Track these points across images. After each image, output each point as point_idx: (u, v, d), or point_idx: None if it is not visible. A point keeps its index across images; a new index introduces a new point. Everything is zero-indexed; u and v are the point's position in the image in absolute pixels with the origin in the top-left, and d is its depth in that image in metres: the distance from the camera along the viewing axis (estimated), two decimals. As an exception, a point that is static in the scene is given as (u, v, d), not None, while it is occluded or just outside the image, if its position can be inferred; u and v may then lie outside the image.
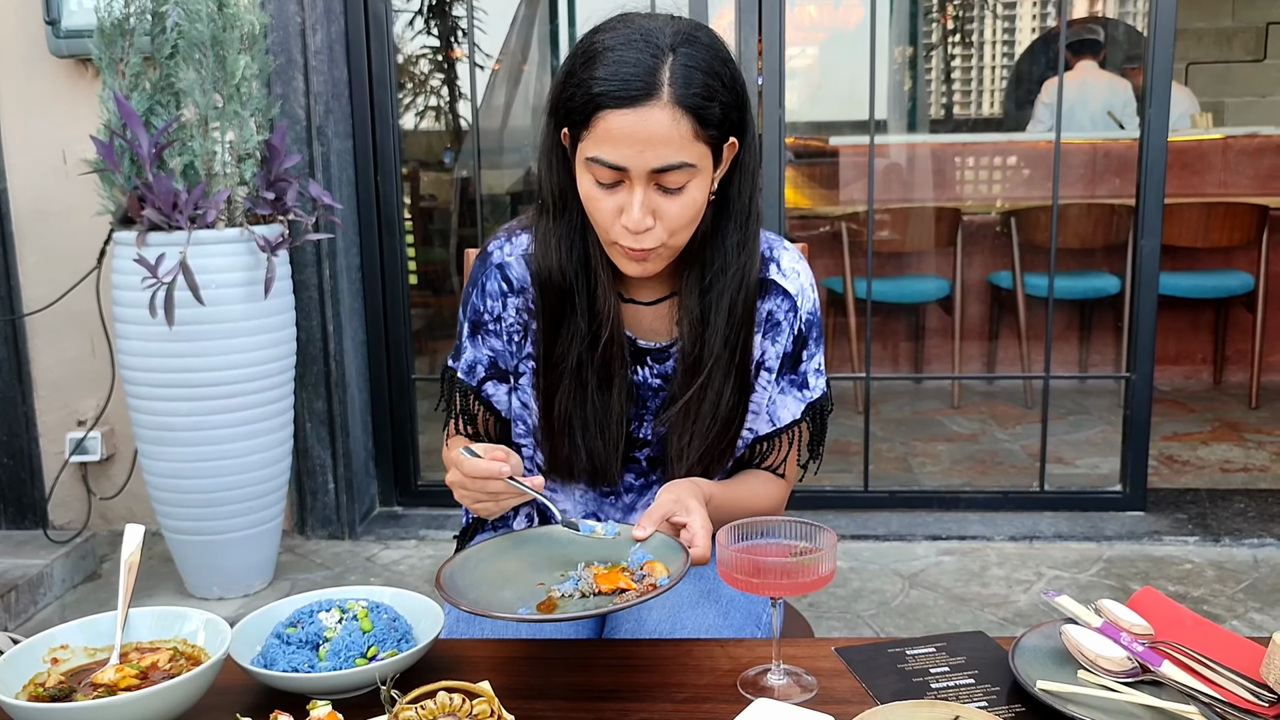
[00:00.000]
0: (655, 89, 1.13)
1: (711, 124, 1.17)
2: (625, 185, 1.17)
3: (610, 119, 1.14)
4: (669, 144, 1.14)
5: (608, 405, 1.30)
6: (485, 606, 1.02)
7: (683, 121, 1.14)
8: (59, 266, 3.04)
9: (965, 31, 7.55)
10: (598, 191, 1.19)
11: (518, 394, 1.36)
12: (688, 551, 1.10)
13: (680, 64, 1.14)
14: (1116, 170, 4.70)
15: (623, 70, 1.14)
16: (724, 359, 1.29)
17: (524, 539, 1.19)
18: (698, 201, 1.20)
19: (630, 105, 1.13)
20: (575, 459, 1.33)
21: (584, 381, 1.30)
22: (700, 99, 1.15)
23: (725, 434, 1.32)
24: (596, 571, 1.09)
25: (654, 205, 1.18)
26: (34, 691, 1.00)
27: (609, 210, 1.19)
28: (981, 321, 4.78)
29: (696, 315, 1.28)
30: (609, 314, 1.28)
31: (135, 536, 1.14)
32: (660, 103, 1.13)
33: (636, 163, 1.15)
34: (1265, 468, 3.72)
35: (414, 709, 0.85)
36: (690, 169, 1.16)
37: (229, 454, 2.67)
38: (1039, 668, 1.04)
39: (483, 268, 1.36)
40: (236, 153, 2.66)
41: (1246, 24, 6.98)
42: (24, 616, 2.72)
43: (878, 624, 2.65)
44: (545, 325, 1.31)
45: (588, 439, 1.31)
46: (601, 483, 1.35)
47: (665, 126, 1.13)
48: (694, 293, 1.28)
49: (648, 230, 1.18)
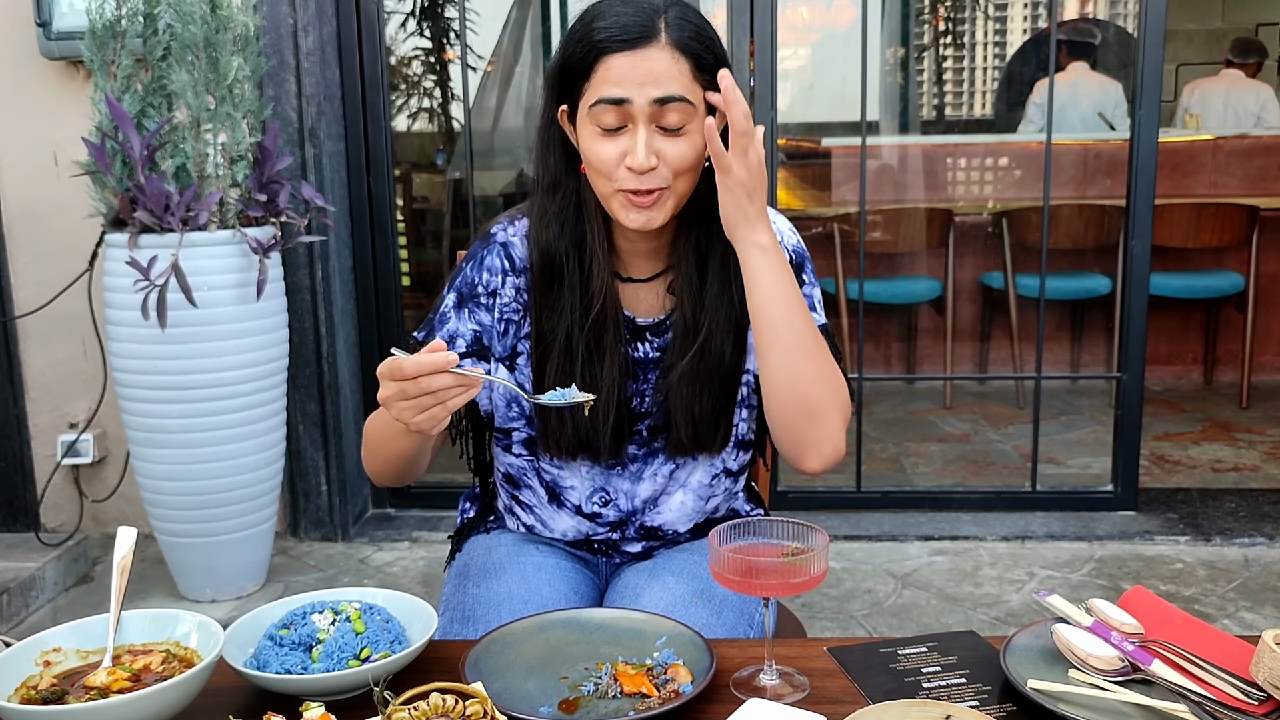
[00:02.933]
0: (654, 33, 1.19)
1: (706, 69, 1.21)
2: (629, 130, 1.21)
3: (611, 61, 1.19)
4: (670, 79, 1.19)
5: (597, 378, 1.31)
6: (509, 697, 1.01)
7: (681, 61, 1.20)
8: (50, 268, 3.04)
9: (957, 33, 7.57)
10: (601, 140, 1.22)
11: (515, 375, 1.36)
12: (714, 655, 1.06)
13: (675, 15, 1.21)
14: (1107, 171, 4.71)
15: (622, 19, 1.20)
16: (721, 319, 1.31)
17: (550, 623, 1.16)
18: (697, 146, 1.22)
19: (631, 47, 1.19)
20: (562, 432, 1.33)
21: (573, 353, 1.31)
22: (695, 44, 1.21)
23: (729, 389, 1.35)
24: (619, 670, 1.07)
25: (656, 146, 1.20)
26: (26, 694, 1.00)
27: (612, 156, 1.22)
28: (973, 322, 4.79)
29: (695, 283, 1.31)
30: (601, 289, 1.30)
31: (127, 539, 1.14)
32: (659, 43, 1.19)
33: (639, 95, 1.19)
34: (1256, 467, 3.73)
35: (407, 710, 0.85)
36: (689, 107, 1.20)
37: (221, 456, 2.67)
38: (1030, 667, 1.05)
39: (485, 244, 1.36)
40: (229, 154, 2.66)
41: (1236, 25, 7.01)
42: (16, 620, 2.71)
43: (870, 624, 2.65)
44: (537, 299, 1.32)
45: (575, 411, 1.31)
46: (591, 457, 1.36)
47: (665, 63, 1.19)
48: (691, 261, 1.31)
49: (652, 170, 1.21)
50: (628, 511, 1.42)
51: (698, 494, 1.42)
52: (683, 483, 1.41)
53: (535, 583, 1.36)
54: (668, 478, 1.40)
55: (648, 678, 1.05)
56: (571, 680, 1.07)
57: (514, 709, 0.98)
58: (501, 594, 1.34)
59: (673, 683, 1.04)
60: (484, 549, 1.44)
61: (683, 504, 1.42)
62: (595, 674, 1.07)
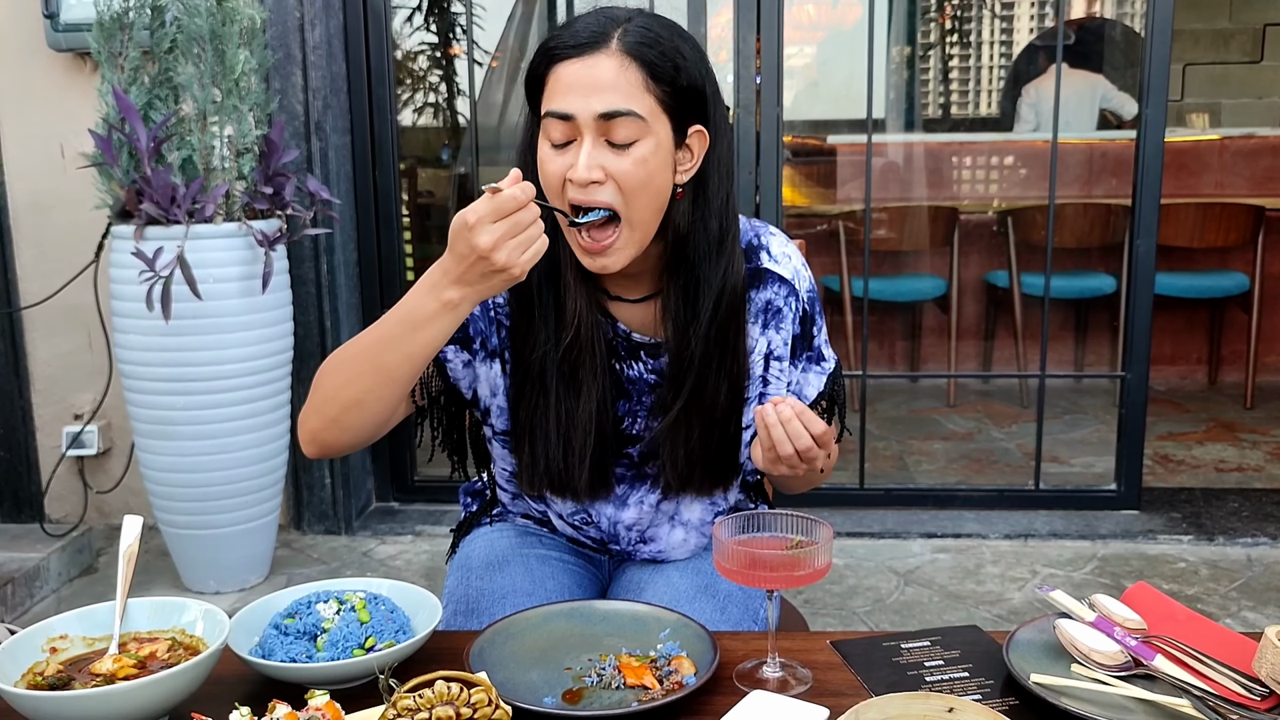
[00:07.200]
0: (605, 39, 1.16)
1: (663, 80, 1.16)
2: (576, 144, 1.17)
3: (560, 70, 1.16)
4: (616, 90, 1.14)
5: (574, 413, 1.26)
6: (513, 687, 1.02)
7: (630, 69, 1.15)
8: (56, 260, 3.04)
9: (963, 31, 7.55)
10: (550, 154, 1.18)
11: (506, 378, 1.32)
12: (717, 647, 1.07)
13: (635, 25, 1.17)
14: (1113, 170, 4.71)
15: (576, 28, 1.17)
16: (714, 359, 1.26)
17: (554, 614, 1.17)
18: (649, 165, 1.16)
19: (579, 55, 1.15)
20: (535, 467, 1.29)
21: (547, 387, 1.26)
22: (650, 50, 1.16)
23: (724, 438, 1.30)
24: (623, 662, 1.07)
25: (602, 161, 1.15)
26: (33, 680, 1.00)
27: (558, 171, 1.17)
28: (977, 320, 4.79)
29: (681, 316, 1.25)
30: (574, 320, 1.24)
31: (134, 527, 1.14)
32: (608, 50, 1.15)
33: (583, 108, 1.14)
34: (1260, 467, 3.73)
35: (412, 697, 0.86)
36: (639, 121, 1.15)
37: (226, 448, 2.67)
38: (1033, 661, 1.05)
39: None
40: (235, 147, 2.66)
41: (1243, 25, 6.99)
42: (20, 610, 2.72)
43: (873, 621, 2.66)
44: (513, 328, 1.28)
45: (549, 446, 1.27)
46: (567, 493, 1.31)
47: (612, 72, 1.14)
48: (676, 294, 1.25)
49: (595, 184, 1.15)
50: (610, 534, 1.38)
51: (699, 530, 1.39)
52: (674, 517, 1.37)
53: (539, 575, 1.36)
54: (654, 507, 1.35)
55: (651, 669, 1.05)
56: (575, 671, 1.07)
57: (518, 699, 0.98)
58: (505, 587, 1.33)
59: (676, 674, 1.04)
60: (487, 542, 1.43)
61: (684, 540, 1.39)
62: (599, 665, 1.07)
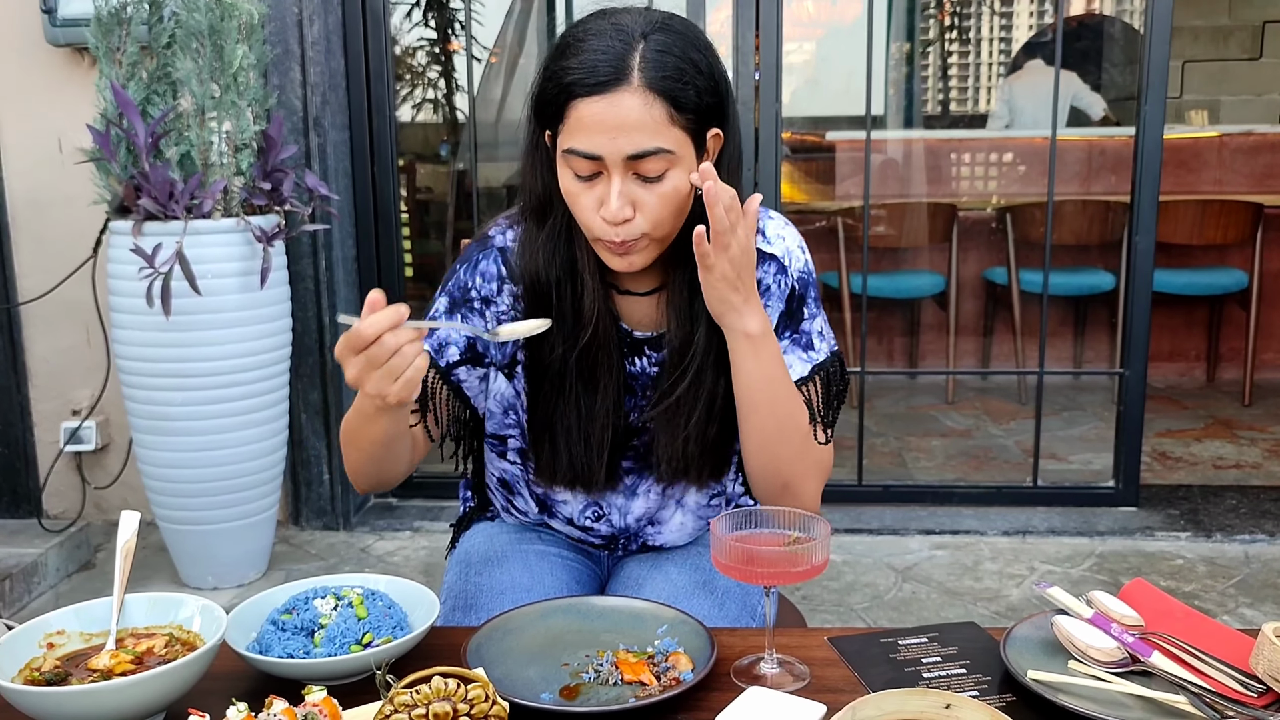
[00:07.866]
0: (625, 74, 1.11)
1: (687, 108, 1.14)
2: (603, 176, 1.15)
3: (581, 107, 1.12)
4: (642, 129, 1.12)
5: (592, 409, 1.28)
6: (510, 683, 1.01)
7: (655, 105, 1.12)
8: (54, 256, 3.04)
9: (962, 28, 7.56)
10: (577, 186, 1.17)
11: (514, 383, 1.34)
12: (714, 643, 1.06)
13: (652, 49, 1.13)
14: (1112, 167, 4.71)
15: (592, 58, 1.12)
16: (714, 351, 1.26)
17: (551, 610, 1.17)
18: (680, 191, 1.16)
19: (600, 92, 1.11)
20: (557, 463, 1.31)
21: (567, 385, 1.27)
22: (673, 82, 1.13)
23: (723, 428, 1.30)
24: (620, 658, 1.07)
25: (633, 195, 1.15)
26: (30, 676, 1.00)
27: (589, 205, 1.17)
28: (976, 317, 4.79)
29: (685, 309, 1.26)
30: (593, 317, 1.25)
31: (131, 523, 1.14)
32: (631, 87, 1.11)
33: (610, 150, 1.12)
34: (1258, 465, 3.73)
35: (409, 693, 0.86)
36: (668, 155, 1.14)
37: (224, 444, 2.67)
38: (1030, 658, 1.05)
39: (482, 248, 1.32)
40: (233, 143, 2.66)
41: (1243, 22, 6.99)
42: (18, 605, 2.72)
43: (870, 617, 2.66)
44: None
45: (570, 443, 1.28)
46: (586, 487, 1.33)
47: (637, 111, 1.11)
48: (682, 287, 1.26)
49: (627, 222, 1.15)
50: (620, 527, 1.40)
51: (696, 514, 1.41)
52: (679, 501, 1.39)
53: (538, 571, 1.36)
54: (660, 495, 1.38)
55: (648, 665, 1.05)
56: (573, 667, 1.07)
57: (515, 695, 0.98)
58: (504, 582, 1.34)
59: (673, 670, 1.04)
60: (486, 537, 1.44)
61: (682, 525, 1.41)
62: (596, 661, 1.07)
